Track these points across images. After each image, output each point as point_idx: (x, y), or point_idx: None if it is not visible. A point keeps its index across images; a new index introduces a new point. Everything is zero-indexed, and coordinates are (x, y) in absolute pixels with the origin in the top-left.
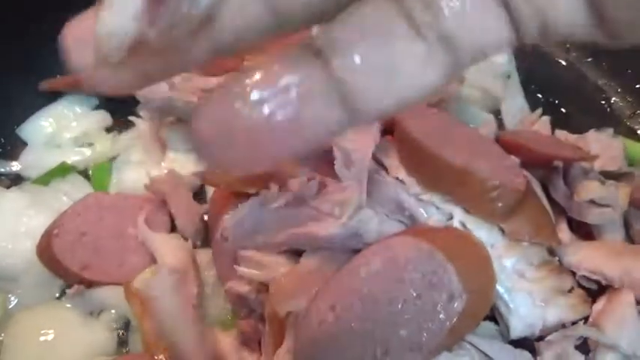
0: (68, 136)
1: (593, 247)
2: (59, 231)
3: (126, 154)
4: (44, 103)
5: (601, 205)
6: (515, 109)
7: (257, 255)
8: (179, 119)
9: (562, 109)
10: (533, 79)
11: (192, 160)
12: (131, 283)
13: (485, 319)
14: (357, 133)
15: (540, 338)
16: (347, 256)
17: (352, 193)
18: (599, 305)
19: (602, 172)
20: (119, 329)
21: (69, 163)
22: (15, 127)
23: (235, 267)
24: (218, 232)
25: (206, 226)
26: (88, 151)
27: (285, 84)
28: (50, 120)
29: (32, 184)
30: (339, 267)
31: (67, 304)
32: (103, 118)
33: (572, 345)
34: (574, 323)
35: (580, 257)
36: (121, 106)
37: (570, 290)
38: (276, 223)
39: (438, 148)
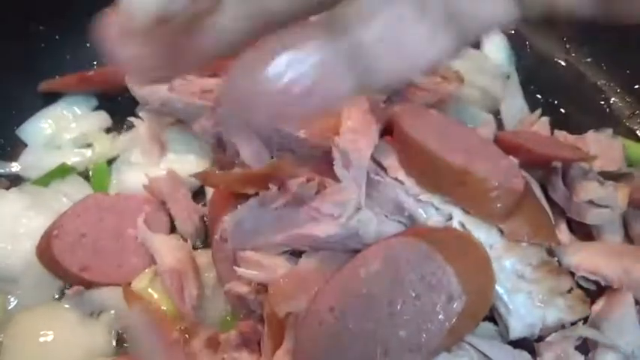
0: (68, 137)
1: (593, 247)
2: (59, 232)
3: (125, 155)
4: (44, 104)
5: (600, 205)
6: (514, 110)
7: (256, 256)
8: (178, 120)
9: (561, 110)
10: (533, 79)
11: (192, 160)
12: (130, 284)
13: (484, 320)
14: (356, 134)
15: (540, 339)
16: (346, 256)
17: (351, 193)
18: (599, 306)
19: (601, 173)
20: (118, 330)
21: (68, 164)
22: (15, 128)
23: (235, 268)
24: (217, 233)
25: (206, 227)
26: (87, 152)
27: (301, 56)
28: (50, 121)
29: (32, 185)
30: (339, 268)
31: (66, 305)
32: (103, 119)
33: (572, 346)
34: (573, 324)
35: (579, 258)
36: (120, 107)
37: (569, 291)
38: (276, 224)
39: (437, 149)
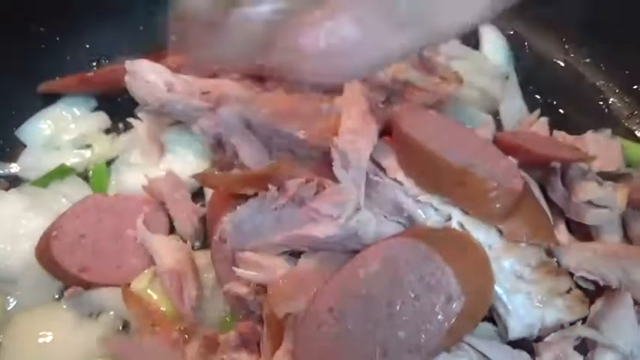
0: (67, 138)
1: (591, 248)
2: (58, 233)
3: (124, 156)
4: (43, 104)
5: (599, 206)
6: (513, 110)
7: (255, 256)
8: (178, 121)
9: (560, 110)
10: (532, 80)
11: (191, 161)
12: (129, 284)
13: (483, 320)
14: (355, 134)
15: (539, 339)
16: (345, 257)
17: (350, 194)
18: (597, 306)
19: (600, 173)
20: (117, 331)
21: (68, 164)
22: (14, 129)
23: (234, 268)
24: (217, 233)
25: (205, 228)
26: (86, 153)
27: (351, 17)
28: (49, 122)
29: (31, 186)
30: (338, 268)
31: (65, 306)
32: (102, 120)
33: (571, 346)
34: (572, 324)
35: (578, 258)
36: (119, 108)
37: (568, 291)
38: (275, 225)
39: (437, 149)
